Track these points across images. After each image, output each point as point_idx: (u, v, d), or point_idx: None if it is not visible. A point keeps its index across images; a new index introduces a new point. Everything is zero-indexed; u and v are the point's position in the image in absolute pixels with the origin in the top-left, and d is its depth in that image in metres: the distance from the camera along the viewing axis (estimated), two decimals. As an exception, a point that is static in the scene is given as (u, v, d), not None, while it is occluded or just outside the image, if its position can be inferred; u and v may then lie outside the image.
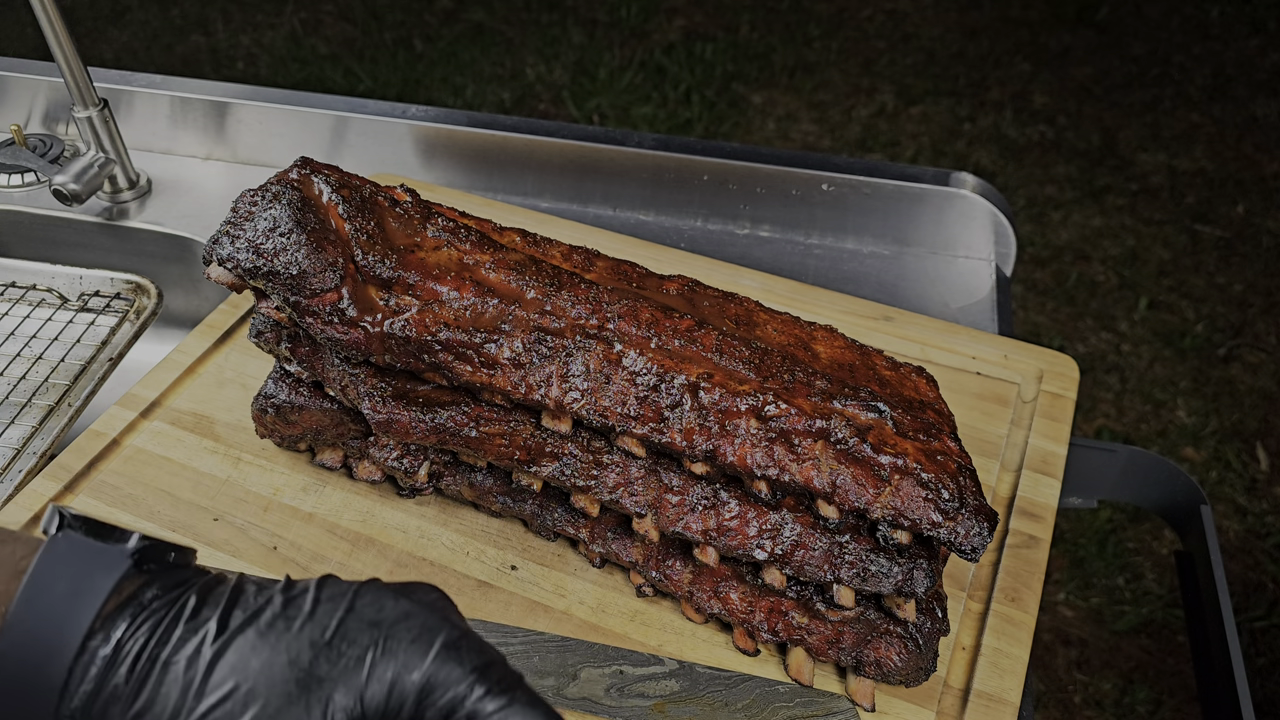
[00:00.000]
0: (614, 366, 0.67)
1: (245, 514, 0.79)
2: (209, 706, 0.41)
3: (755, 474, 0.64)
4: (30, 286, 1.04)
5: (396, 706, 0.43)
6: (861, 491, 0.63)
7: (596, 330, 0.68)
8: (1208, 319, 2.37)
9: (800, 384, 0.67)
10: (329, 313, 0.67)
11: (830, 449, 0.64)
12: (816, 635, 0.68)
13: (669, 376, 0.66)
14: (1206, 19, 3.38)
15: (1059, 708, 1.72)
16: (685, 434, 0.66)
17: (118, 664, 0.42)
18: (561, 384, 0.67)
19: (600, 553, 0.75)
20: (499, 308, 0.68)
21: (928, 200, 1.14)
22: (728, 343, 0.68)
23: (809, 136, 2.95)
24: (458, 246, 0.71)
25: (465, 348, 0.67)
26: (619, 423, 0.66)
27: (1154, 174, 2.80)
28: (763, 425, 0.65)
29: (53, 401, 0.91)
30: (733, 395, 0.65)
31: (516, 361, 0.67)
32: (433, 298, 0.68)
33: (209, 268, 0.68)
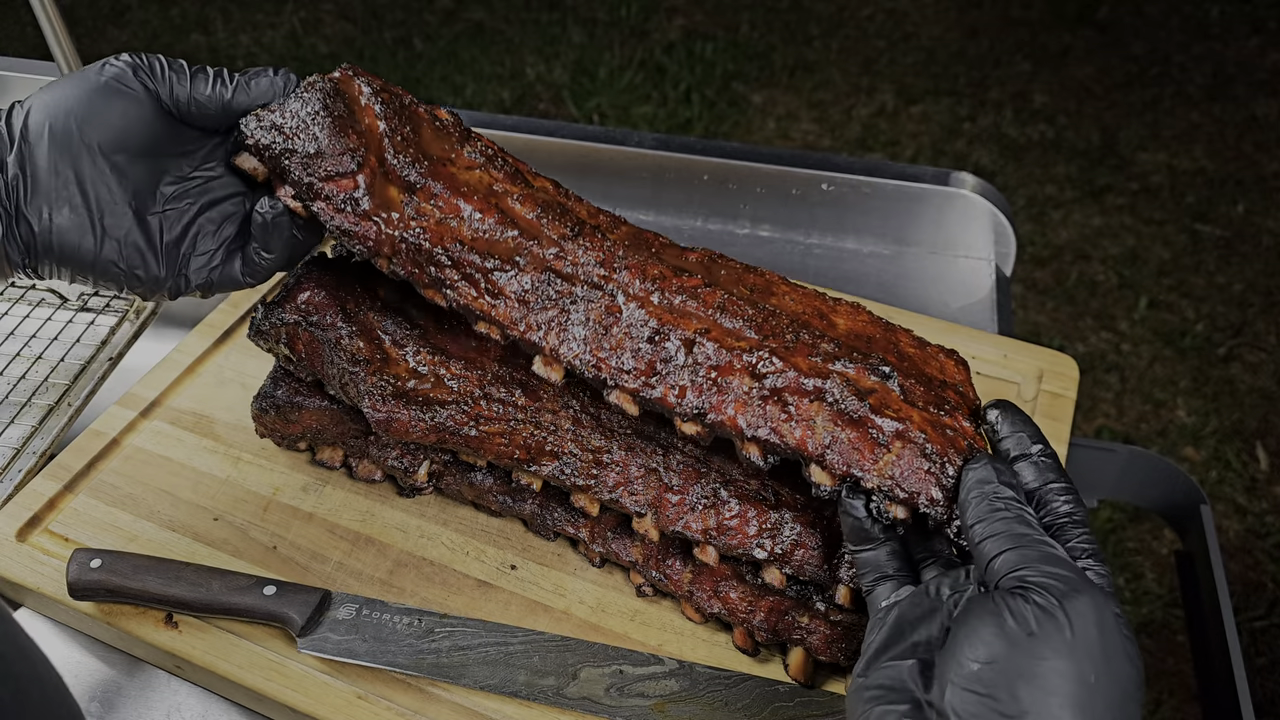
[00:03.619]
0: (614, 318, 0.65)
1: (245, 513, 0.79)
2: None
3: (745, 434, 0.62)
4: (30, 286, 1.04)
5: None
6: (857, 456, 0.60)
7: (602, 282, 0.66)
8: (1208, 318, 2.37)
9: (803, 345, 0.64)
10: (342, 200, 0.65)
11: (827, 410, 0.61)
12: (816, 635, 0.68)
13: (665, 330, 0.64)
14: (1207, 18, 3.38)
15: (1059, 707, 1.71)
16: (677, 390, 0.63)
17: None
18: (560, 331, 0.66)
19: (600, 552, 0.74)
20: (517, 240, 0.67)
21: (928, 200, 1.14)
22: (732, 302, 0.66)
23: (809, 136, 2.95)
24: (491, 173, 0.69)
25: (475, 270, 0.66)
26: (611, 375, 0.64)
27: (1154, 173, 2.79)
28: (757, 383, 0.62)
29: (52, 401, 0.91)
30: (728, 351, 0.63)
31: (522, 298, 0.66)
32: (454, 213, 0.67)
33: (235, 157, 0.67)
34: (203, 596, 0.69)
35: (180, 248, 0.65)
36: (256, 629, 0.71)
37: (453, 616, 0.71)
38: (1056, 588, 0.48)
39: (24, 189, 0.60)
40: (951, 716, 0.46)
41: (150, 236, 0.63)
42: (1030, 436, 0.59)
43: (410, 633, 0.70)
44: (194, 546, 0.77)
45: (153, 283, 0.64)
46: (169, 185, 0.64)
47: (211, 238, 0.66)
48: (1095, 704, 0.45)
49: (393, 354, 0.75)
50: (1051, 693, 0.45)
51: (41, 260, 0.62)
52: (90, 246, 0.61)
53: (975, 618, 0.48)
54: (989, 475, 0.56)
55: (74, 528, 0.78)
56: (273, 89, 0.65)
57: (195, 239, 0.66)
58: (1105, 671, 0.45)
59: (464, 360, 0.75)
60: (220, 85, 0.64)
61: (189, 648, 0.70)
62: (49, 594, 0.73)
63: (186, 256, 0.66)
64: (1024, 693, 0.45)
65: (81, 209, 0.61)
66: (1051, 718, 0.44)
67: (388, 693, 0.68)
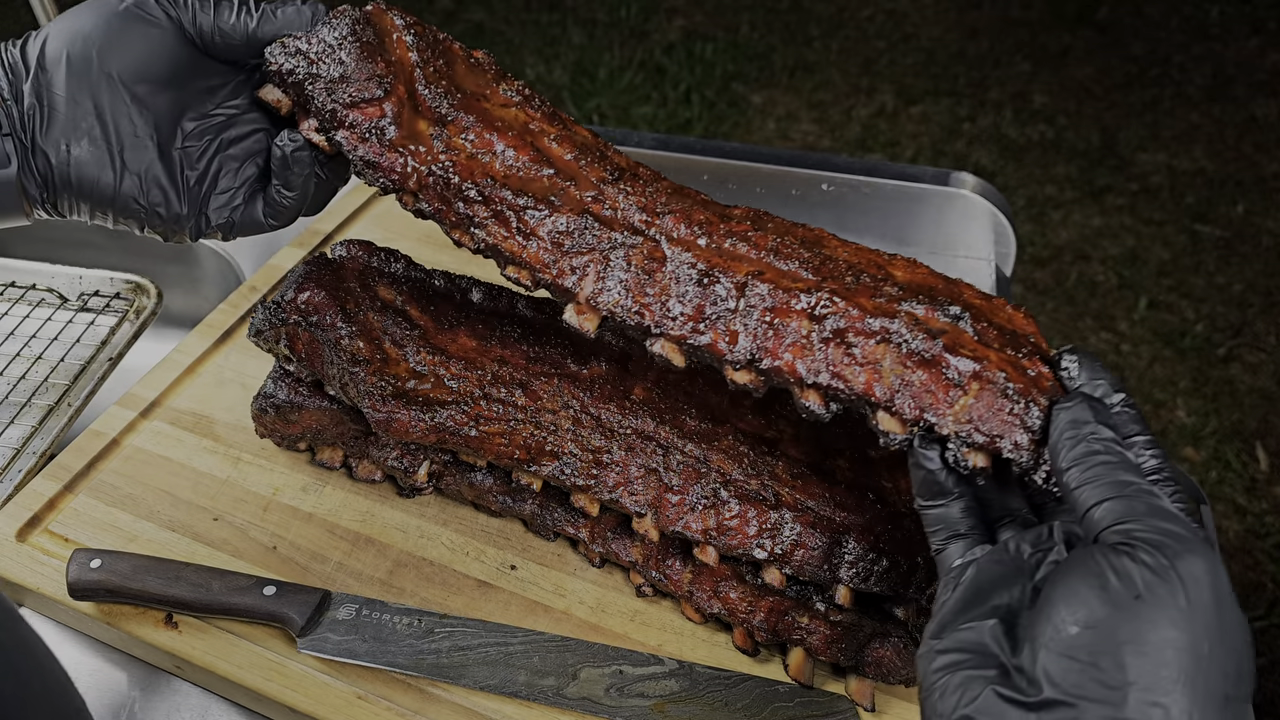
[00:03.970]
0: (657, 264, 0.60)
1: (245, 514, 0.79)
2: None
3: (805, 381, 0.57)
4: (30, 286, 1.04)
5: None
6: (930, 399, 0.54)
7: (644, 227, 0.62)
8: (1207, 319, 2.37)
9: (864, 287, 0.58)
10: (367, 128, 0.62)
11: (895, 352, 0.55)
12: (816, 635, 0.68)
13: (714, 273, 0.59)
14: (1206, 19, 3.38)
15: (1059, 708, 1.72)
16: (728, 336, 0.58)
17: None
18: (599, 277, 0.61)
19: (600, 552, 0.74)
20: (552, 180, 0.63)
21: (927, 200, 1.14)
22: (785, 244, 0.61)
23: (809, 136, 2.95)
24: (527, 111, 0.66)
25: (507, 207, 0.62)
26: (655, 322, 0.60)
27: (1154, 174, 2.79)
28: (816, 325, 0.57)
29: (52, 401, 0.91)
30: (784, 292, 0.58)
31: (556, 240, 0.62)
32: (486, 148, 0.63)
33: (260, 89, 0.65)
34: (203, 597, 0.69)
35: (202, 186, 0.63)
36: (256, 629, 0.71)
37: (453, 617, 0.71)
38: (1169, 546, 0.43)
39: (41, 120, 0.58)
40: (1044, 683, 0.42)
41: (172, 172, 0.62)
42: (1111, 384, 0.53)
43: (410, 633, 0.70)
44: (194, 547, 0.77)
45: (173, 221, 0.62)
46: (190, 121, 0.62)
47: (233, 176, 0.64)
48: (1209, 678, 0.40)
49: (393, 354, 0.75)
50: (1163, 664, 0.40)
51: (60, 195, 0.60)
52: (110, 181, 0.60)
53: (1074, 576, 0.44)
54: (1085, 415, 0.50)
55: (74, 528, 0.78)
56: (299, 19, 0.63)
57: (216, 177, 0.64)
58: (1220, 643, 0.41)
59: (464, 360, 0.75)
60: (245, 14, 0.61)
61: (189, 648, 0.70)
62: (49, 594, 0.73)
63: (207, 195, 0.63)
64: (1131, 662, 0.40)
65: (101, 141, 0.59)
66: (1161, 692, 0.40)
67: (387, 693, 0.68)
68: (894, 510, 0.68)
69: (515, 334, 0.77)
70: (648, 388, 0.74)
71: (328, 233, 1.07)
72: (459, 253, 1.06)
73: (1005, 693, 0.43)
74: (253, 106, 0.65)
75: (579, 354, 0.76)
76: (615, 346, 0.77)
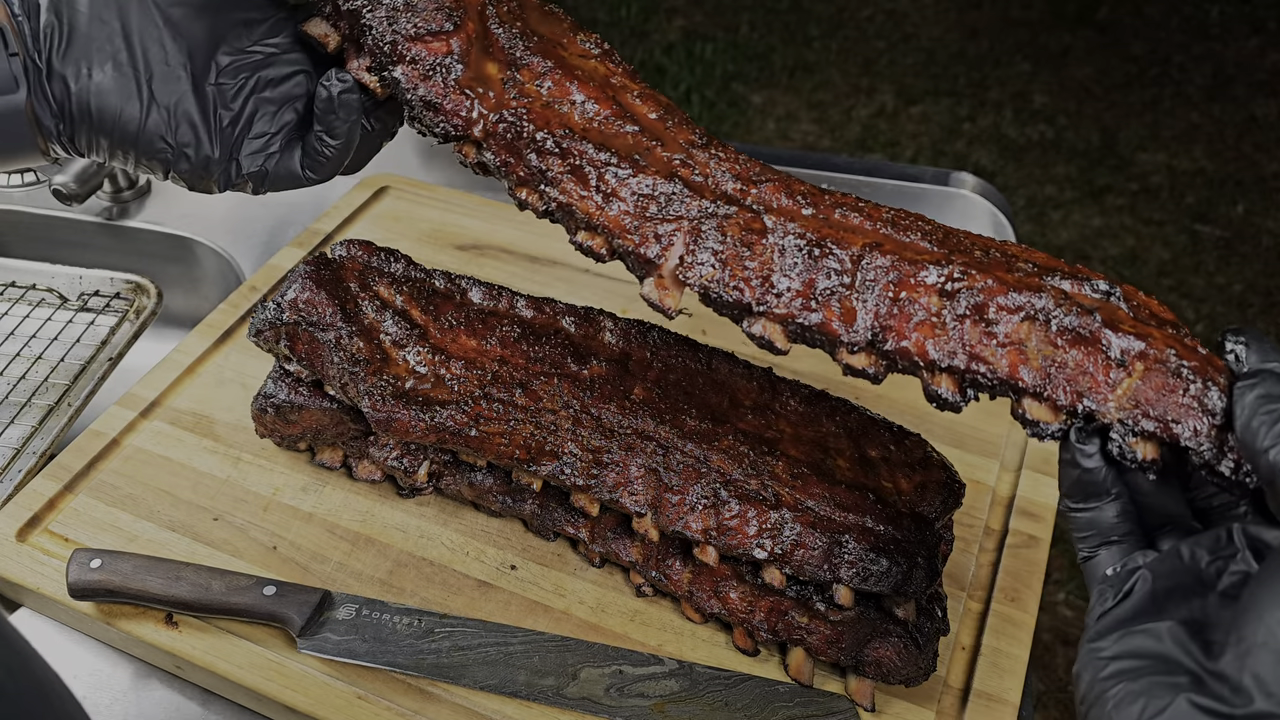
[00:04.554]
0: (757, 236, 0.54)
1: (245, 514, 0.79)
2: None
3: (938, 364, 0.50)
4: (30, 286, 1.04)
5: None
6: (1089, 382, 0.47)
7: (739, 195, 0.55)
8: (1208, 319, 2.37)
9: (996, 261, 0.52)
10: (431, 65, 0.55)
11: (1042, 329, 0.48)
12: (816, 635, 0.68)
13: (826, 244, 0.52)
14: (1206, 19, 3.38)
15: (1059, 707, 1.72)
16: (844, 313, 0.51)
17: None
18: (688, 248, 0.54)
19: (600, 552, 0.74)
20: (637, 138, 0.56)
21: (928, 200, 1.14)
22: (902, 216, 0.54)
23: (809, 136, 2.95)
24: (608, 65, 0.60)
25: (587, 162, 0.55)
26: (757, 299, 0.53)
27: (1154, 174, 2.79)
28: (948, 302, 0.50)
29: (52, 401, 0.91)
30: (908, 264, 0.51)
31: (640, 203, 0.55)
32: (563, 97, 0.57)
33: (305, 23, 0.58)
34: (203, 597, 0.69)
35: (235, 128, 0.57)
36: (256, 629, 0.71)
37: (453, 617, 0.71)
38: None
39: (59, 39, 0.52)
40: (1256, 692, 0.37)
41: (205, 109, 0.55)
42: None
43: (410, 633, 0.70)
44: (194, 546, 0.77)
45: (202, 165, 0.56)
46: (225, 56, 0.56)
47: (270, 120, 0.58)
48: None
49: (393, 354, 0.75)
50: None
51: (79, 127, 0.54)
52: (135, 114, 0.54)
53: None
54: (1278, 390, 0.43)
55: (74, 528, 0.78)
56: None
57: (251, 120, 0.57)
58: None
59: (464, 360, 0.75)
60: None
61: (189, 648, 0.70)
62: (49, 594, 0.73)
63: (240, 139, 0.57)
64: None
65: (127, 68, 0.53)
66: None
67: (388, 693, 0.68)
68: (894, 510, 0.68)
69: (515, 334, 0.77)
70: (648, 388, 0.74)
71: (328, 233, 1.07)
72: (459, 253, 1.06)
73: (1203, 701, 0.38)
74: (293, 46, 0.59)
75: (579, 354, 0.76)
76: (615, 347, 0.77)
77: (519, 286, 0.97)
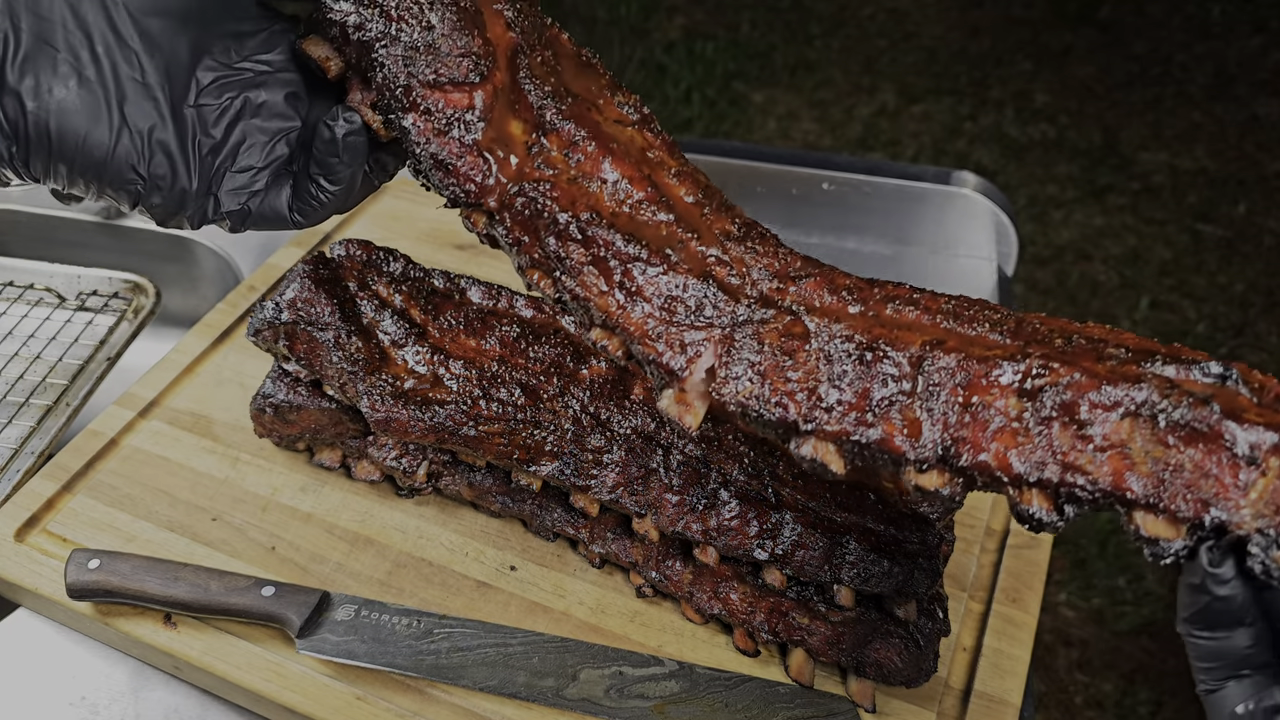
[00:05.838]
0: (799, 342, 0.47)
1: (243, 514, 0.79)
2: None
3: (1025, 479, 0.43)
4: (28, 285, 1.03)
5: None
6: (1216, 488, 0.40)
7: (777, 296, 0.49)
8: (1209, 319, 2.37)
9: (1082, 349, 0.45)
10: (448, 120, 0.49)
11: (1148, 427, 0.41)
12: (817, 636, 0.68)
13: (879, 347, 0.46)
14: (1208, 18, 3.38)
15: (1060, 708, 1.72)
16: (907, 426, 0.45)
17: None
18: (721, 358, 0.48)
19: (600, 553, 0.74)
20: (670, 229, 0.50)
21: (929, 199, 1.14)
22: (963, 306, 0.48)
23: (810, 135, 2.95)
24: (646, 135, 0.53)
25: (613, 255, 0.49)
26: (804, 415, 0.46)
27: (1155, 173, 2.79)
28: (1029, 403, 0.43)
29: (50, 401, 0.90)
30: (978, 363, 0.44)
31: (668, 305, 0.49)
32: (594, 173, 0.50)
33: (304, 40, 0.50)
34: (201, 597, 0.69)
35: (216, 158, 0.49)
36: (255, 630, 0.71)
37: (452, 617, 0.71)
38: None
39: (13, 49, 0.44)
40: None
41: (182, 135, 0.48)
42: None
43: (409, 634, 0.69)
44: (192, 547, 0.76)
45: (176, 200, 0.49)
46: (207, 71, 0.49)
47: (259, 152, 0.50)
48: None
49: (391, 353, 0.75)
50: None
51: (34, 152, 0.46)
52: (102, 139, 0.46)
53: None
54: None
55: (72, 528, 0.77)
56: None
57: (237, 150, 0.50)
58: None
59: (463, 360, 0.74)
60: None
61: (187, 648, 0.70)
62: (47, 594, 0.73)
63: (222, 171, 0.50)
64: None
65: (95, 85, 0.46)
66: None
67: (387, 694, 0.67)
68: (895, 510, 0.67)
69: (515, 334, 0.76)
70: (648, 388, 0.74)
71: (327, 232, 1.06)
72: (458, 253, 1.06)
73: None
74: (288, 65, 0.51)
75: (579, 354, 0.75)
76: (615, 346, 0.77)
77: (518, 286, 0.96)
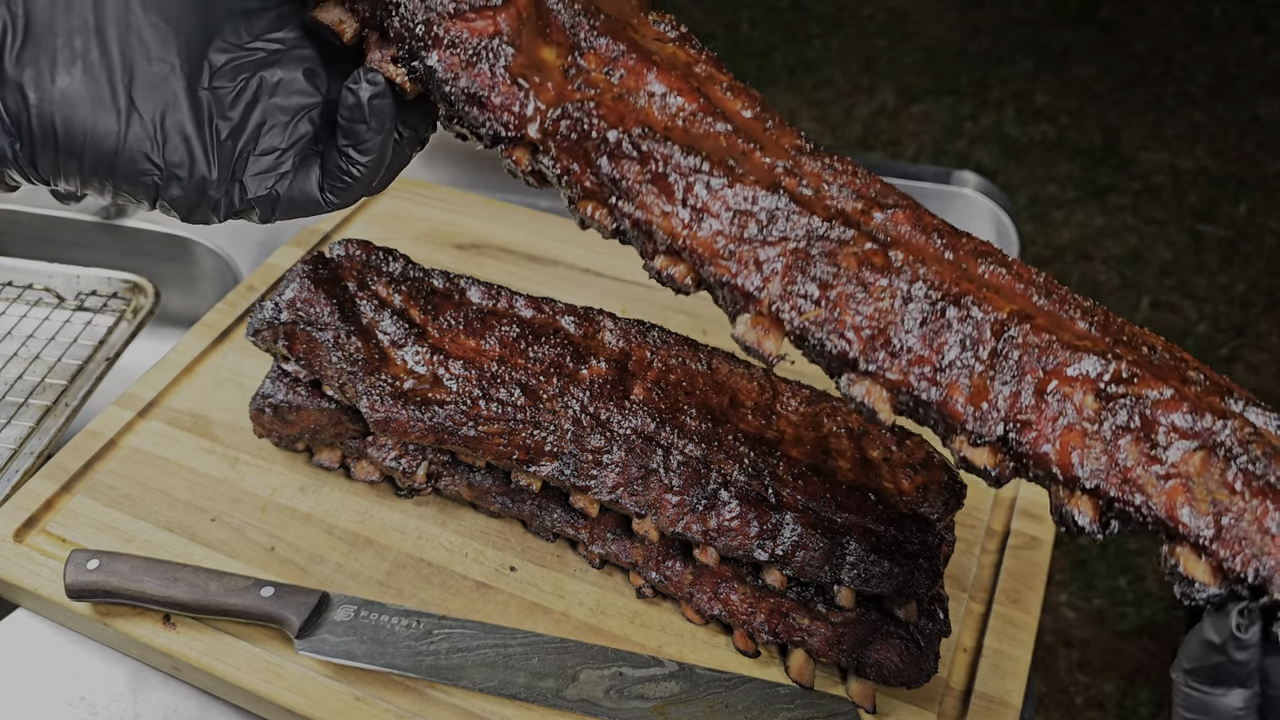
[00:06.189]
0: (877, 275, 0.43)
1: (242, 514, 0.79)
2: None
3: (1081, 482, 0.41)
4: (27, 285, 1.03)
5: None
6: (1268, 545, 0.38)
7: (860, 219, 0.45)
8: (1210, 319, 2.36)
9: (1166, 364, 0.42)
10: (475, 49, 0.45)
11: (1220, 467, 0.39)
12: (817, 636, 0.68)
13: (964, 302, 0.42)
14: (1209, 18, 3.37)
15: (1060, 709, 1.71)
16: (973, 394, 0.42)
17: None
18: (789, 276, 0.44)
19: (600, 554, 0.74)
20: (731, 139, 0.46)
21: (929, 199, 1.14)
22: (1054, 285, 0.45)
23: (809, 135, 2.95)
24: (688, 51, 0.49)
25: (672, 169, 0.45)
26: (865, 354, 0.43)
27: (1156, 173, 2.79)
28: (1106, 406, 0.41)
29: (49, 401, 0.90)
30: (1064, 348, 0.41)
31: (738, 220, 0.44)
32: (639, 86, 0.46)
33: (317, 7, 0.47)
34: (200, 598, 0.69)
35: (237, 142, 0.46)
36: (254, 630, 0.71)
37: (451, 618, 0.71)
38: None
39: (11, 36, 0.41)
40: None
41: (199, 117, 0.45)
42: None
43: (409, 634, 0.69)
44: (191, 547, 0.76)
45: (197, 189, 0.45)
46: (220, 53, 0.46)
47: (281, 132, 0.47)
48: None
49: (391, 354, 0.75)
50: None
51: (40, 148, 0.43)
52: (111, 127, 0.43)
53: None
54: None
55: (71, 528, 0.77)
56: None
57: (258, 132, 0.47)
58: None
59: (463, 360, 0.74)
60: None
61: (186, 649, 0.69)
62: (46, 595, 0.73)
63: (244, 155, 0.47)
64: None
65: (100, 69, 0.42)
66: None
67: (386, 695, 0.67)
68: (895, 511, 0.67)
69: (514, 334, 0.76)
70: (648, 388, 0.73)
71: (326, 232, 1.06)
72: (458, 252, 1.06)
73: None
74: (301, 41, 0.48)
75: (579, 354, 0.75)
76: (615, 346, 0.77)
77: (518, 286, 0.96)
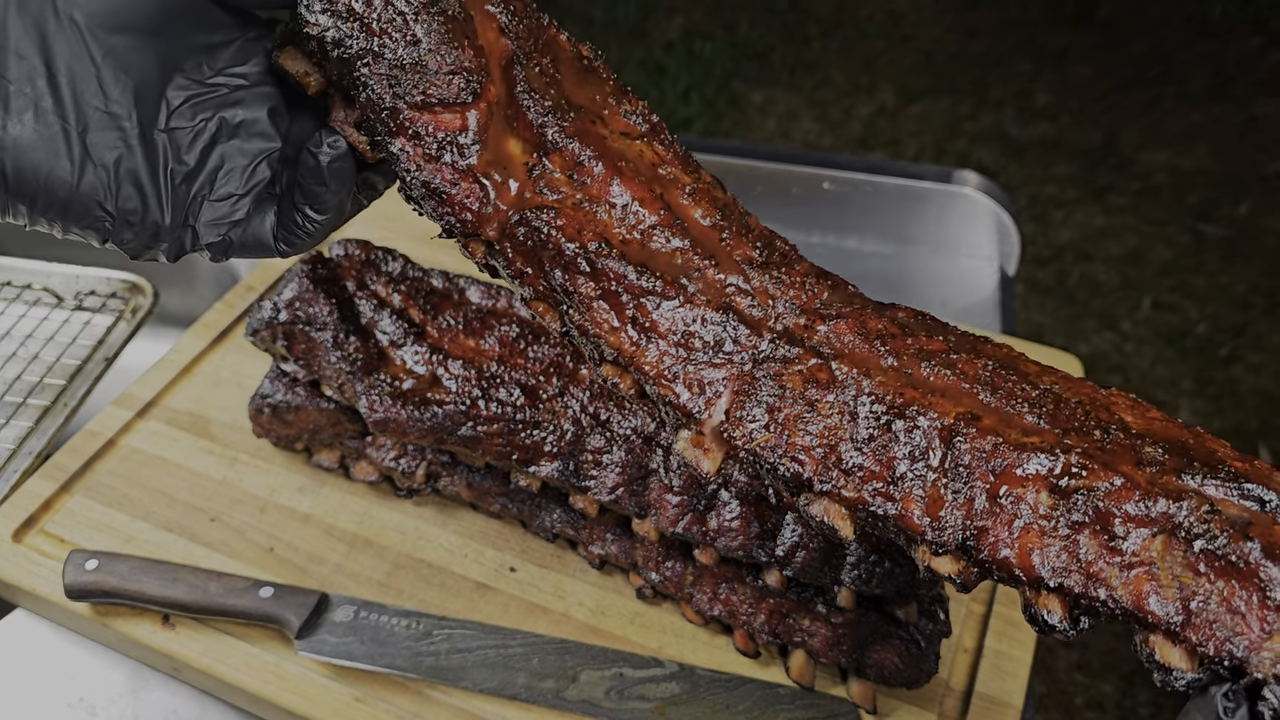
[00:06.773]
0: (823, 391, 0.44)
1: (242, 514, 0.79)
2: None
3: (1045, 581, 0.41)
4: (26, 285, 1.03)
5: None
6: (1239, 626, 0.38)
7: (803, 335, 0.46)
8: (1210, 319, 2.36)
9: (1120, 446, 0.42)
10: (438, 143, 0.45)
11: (1181, 549, 0.39)
12: (818, 637, 0.67)
13: (910, 412, 0.43)
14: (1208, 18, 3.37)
15: (1060, 710, 1.71)
16: (929, 505, 0.42)
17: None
18: (738, 401, 0.45)
19: (600, 554, 0.74)
20: (686, 256, 0.46)
21: (930, 199, 1.14)
22: (1001, 376, 0.45)
23: (809, 135, 2.95)
24: (655, 149, 0.49)
25: (624, 289, 0.45)
26: (818, 474, 0.44)
27: (1156, 173, 2.79)
28: (1060, 503, 0.41)
29: (48, 401, 0.90)
30: (1013, 449, 0.42)
31: (684, 342, 0.45)
32: (601, 196, 0.47)
33: (280, 53, 0.46)
34: (199, 598, 0.69)
35: (191, 186, 0.45)
36: (254, 631, 0.70)
37: (451, 619, 0.71)
38: None
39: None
40: None
41: (153, 164, 0.44)
42: None
43: (409, 635, 0.69)
44: (190, 547, 0.76)
45: (149, 235, 0.45)
46: (178, 91, 0.45)
47: (239, 178, 0.46)
48: None
49: (390, 354, 0.74)
50: None
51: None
52: (65, 175, 0.42)
53: None
54: None
55: (70, 528, 0.77)
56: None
57: (215, 175, 0.46)
58: None
59: (462, 360, 0.74)
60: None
61: (186, 649, 0.69)
62: (45, 595, 0.72)
63: (199, 200, 0.46)
64: None
65: (53, 116, 0.42)
66: None
67: (386, 695, 0.67)
68: (896, 511, 0.67)
69: (514, 333, 0.76)
70: (648, 387, 0.73)
71: (326, 232, 1.06)
72: (458, 252, 1.05)
73: None
74: (264, 77, 0.47)
75: (579, 354, 0.75)
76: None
77: (518, 286, 0.96)
